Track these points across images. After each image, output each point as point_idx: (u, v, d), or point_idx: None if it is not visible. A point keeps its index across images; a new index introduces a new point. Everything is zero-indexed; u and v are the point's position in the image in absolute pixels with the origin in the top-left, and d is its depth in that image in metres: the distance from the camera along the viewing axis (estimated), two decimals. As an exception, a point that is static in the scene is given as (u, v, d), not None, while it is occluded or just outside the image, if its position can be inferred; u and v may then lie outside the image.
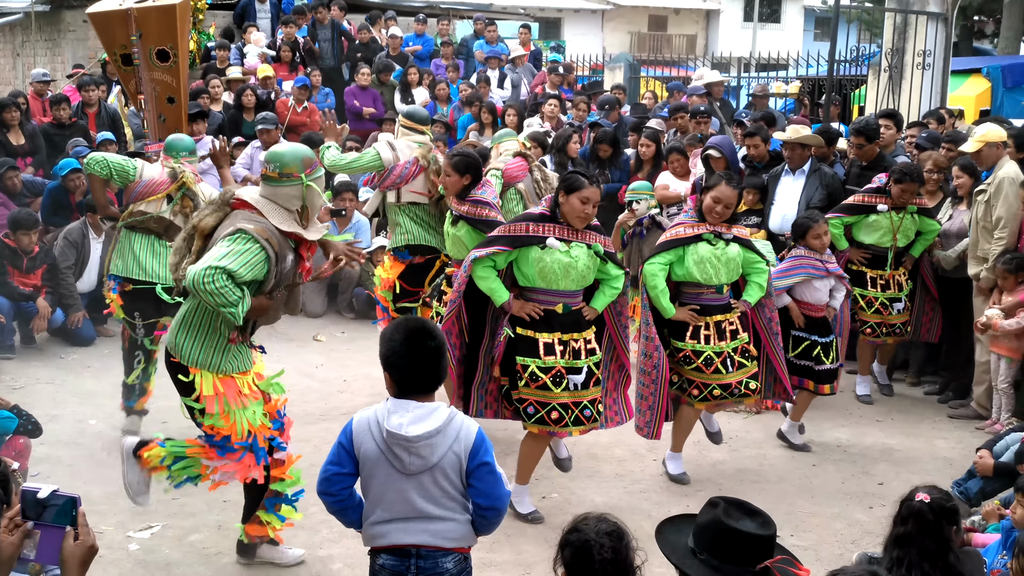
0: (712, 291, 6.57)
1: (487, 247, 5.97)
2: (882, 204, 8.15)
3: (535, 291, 5.98)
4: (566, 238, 5.90)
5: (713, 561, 3.18)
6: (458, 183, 6.90)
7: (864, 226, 8.28)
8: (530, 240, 5.90)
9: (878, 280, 8.32)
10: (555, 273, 5.88)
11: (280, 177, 5.08)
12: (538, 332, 5.93)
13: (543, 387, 5.87)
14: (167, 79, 9.82)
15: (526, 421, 5.99)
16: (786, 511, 6.41)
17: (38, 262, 9.67)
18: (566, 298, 5.98)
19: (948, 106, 12.76)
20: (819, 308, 7.39)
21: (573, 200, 5.84)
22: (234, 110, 13.37)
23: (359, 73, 14.52)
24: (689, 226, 6.57)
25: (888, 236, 8.24)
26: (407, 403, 3.68)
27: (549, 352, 5.90)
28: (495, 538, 5.75)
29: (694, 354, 6.52)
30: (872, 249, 8.31)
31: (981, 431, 7.86)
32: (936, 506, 3.98)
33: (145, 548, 5.84)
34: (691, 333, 6.54)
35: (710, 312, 6.56)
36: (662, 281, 6.50)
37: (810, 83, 16.26)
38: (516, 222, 6.07)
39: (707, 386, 6.54)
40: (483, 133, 12.74)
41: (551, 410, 5.89)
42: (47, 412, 7.58)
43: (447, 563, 3.75)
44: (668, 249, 6.54)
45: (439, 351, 3.72)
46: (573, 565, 3.33)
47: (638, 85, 16.87)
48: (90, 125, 12.58)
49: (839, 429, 8.04)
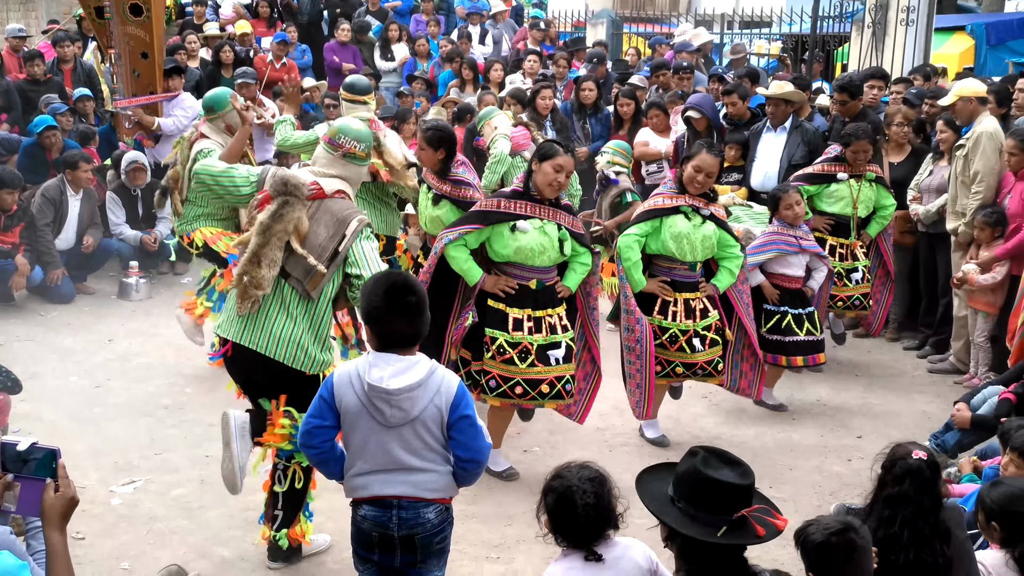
0: (685, 267, 6.49)
1: (458, 227, 5.93)
2: (842, 172, 7.96)
3: (510, 266, 5.95)
4: (538, 216, 5.87)
5: (690, 510, 3.20)
6: (433, 157, 6.73)
7: (825, 196, 8.04)
8: (502, 217, 5.86)
9: (837, 248, 8.04)
10: (531, 251, 5.86)
11: (366, 157, 5.02)
12: (509, 307, 5.91)
13: (508, 361, 5.86)
14: (140, 34, 9.73)
15: (487, 394, 5.94)
16: (765, 464, 6.46)
17: (16, 220, 9.59)
18: (540, 274, 5.95)
19: (932, 63, 12.74)
20: (795, 280, 7.35)
21: (546, 167, 5.80)
22: (212, 66, 13.24)
23: (338, 29, 14.41)
24: (668, 196, 6.47)
25: (849, 205, 7.99)
26: (388, 356, 3.68)
27: (517, 328, 5.88)
28: (477, 490, 5.80)
29: (660, 329, 6.44)
30: (836, 217, 8.08)
31: (959, 385, 7.93)
32: (931, 463, 3.99)
33: (128, 503, 5.85)
34: (659, 308, 6.47)
35: (680, 288, 6.49)
36: (636, 254, 6.42)
37: (793, 40, 16.21)
38: (489, 199, 6.03)
39: (670, 363, 6.49)
40: (464, 90, 12.68)
41: (514, 385, 5.87)
42: (27, 369, 7.57)
43: (428, 514, 3.77)
44: (645, 220, 6.44)
45: (419, 306, 3.71)
46: (556, 511, 3.37)
47: (620, 42, 16.76)
48: (66, 81, 12.47)
49: (819, 384, 8.09)
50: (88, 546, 5.32)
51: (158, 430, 6.90)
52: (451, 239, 5.88)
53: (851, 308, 8.18)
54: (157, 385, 7.76)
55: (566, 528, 3.38)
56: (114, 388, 7.70)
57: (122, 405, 7.34)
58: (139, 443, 6.68)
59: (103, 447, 6.55)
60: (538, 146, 6.06)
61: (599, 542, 3.38)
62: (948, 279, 8.31)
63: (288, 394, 4.83)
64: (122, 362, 8.29)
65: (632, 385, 6.56)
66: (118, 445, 6.61)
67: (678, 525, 3.20)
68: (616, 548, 3.41)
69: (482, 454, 3.77)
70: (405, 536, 3.75)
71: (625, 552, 3.41)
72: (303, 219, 4.70)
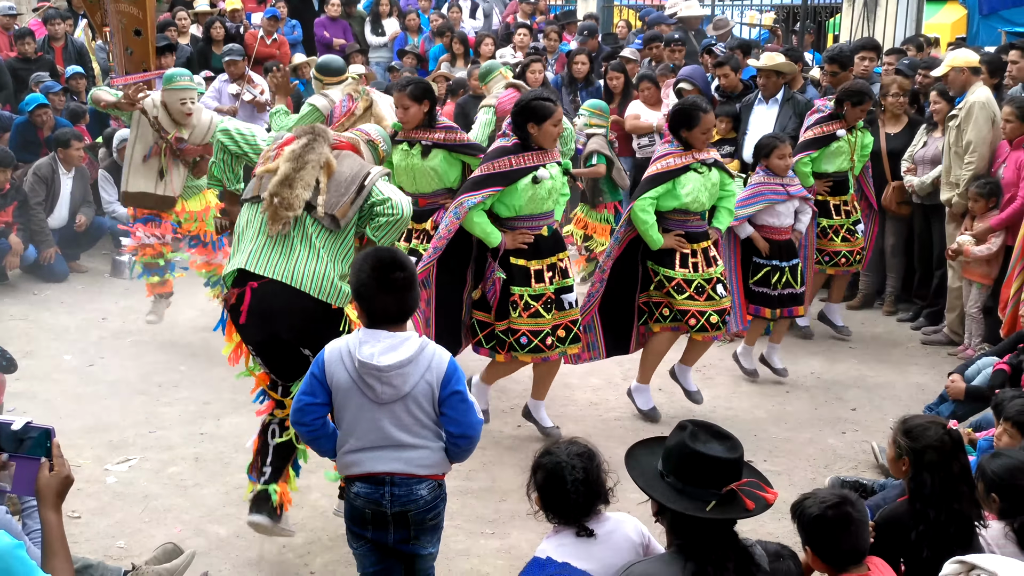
0: (697, 217, 6.56)
1: (478, 190, 5.93)
2: (840, 129, 7.91)
3: (520, 219, 6.02)
4: (544, 162, 5.98)
5: (679, 484, 3.20)
6: (419, 112, 6.70)
7: (826, 156, 8.00)
8: (520, 173, 5.92)
9: (842, 207, 8.09)
10: (543, 199, 6.00)
11: None
12: (529, 260, 6.02)
13: (535, 314, 5.98)
14: (133, 11, 9.64)
15: (518, 351, 6.03)
16: (759, 437, 6.49)
17: (8, 199, 9.56)
18: (547, 219, 6.11)
19: (924, 33, 12.70)
20: (783, 231, 7.36)
21: (547, 127, 5.90)
22: (202, 43, 13.16)
23: (328, 4, 14.32)
24: (677, 155, 6.46)
25: (847, 159, 8.02)
26: (378, 333, 3.67)
27: (539, 279, 6.02)
28: (471, 466, 5.82)
29: (686, 283, 6.45)
30: (833, 176, 8.08)
31: (953, 356, 7.95)
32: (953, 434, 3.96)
33: (123, 480, 5.86)
34: (680, 262, 6.47)
35: (694, 239, 6.53)
36: (652, 216, 6.42)
37: (784, 11, 16.14)
38: (497, 158, 5.99)
39: (703, 313, 6.47)
40: (455, 64, 12.62)
41: (544, 336, 6.00)
42: (21, 348, 7.56)
43: (421, 490, 3.76)
44: (658, 183, 6.43)
45: (408, 281, 3.69)
46: (546, 487, 3.39)
47: (611, 15, 16.66)
48: (57, 59, 12.39)
49: (812, 356, 8.11)
50: (84, 524, 5.33)
51: (152, 408, 6.91)
52: (474, 203, 5.91)
53: (858, 263, 8.26)
54: (151, 363, 7.75)
55: (556, 504, 3.40)
56: (108, 366, 7.69)
57: (116, 383, 7.34)
58: (134, 421, 6.68)
59: (97, 425, 6.56)
60: (525, 108, 5.93)
61: (590, 517, 3.39)
62: (943, 251, 8.31)
63: (311, 338, 4.65)
64: (116, 340, 8.29)
65: None
66: (113, 423, 6.62)
67: (667, 500, 3.20)
68: (608, 523, 3.42)
69: (473, 429, 3.76)
70: (398, 513, 3.75)
71: (617, 527, 3.43)
72: (331, 155, 4.75)
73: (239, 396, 7.02)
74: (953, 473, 3.75)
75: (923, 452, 3.78)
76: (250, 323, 4.72)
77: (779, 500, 3.33)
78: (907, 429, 3.87)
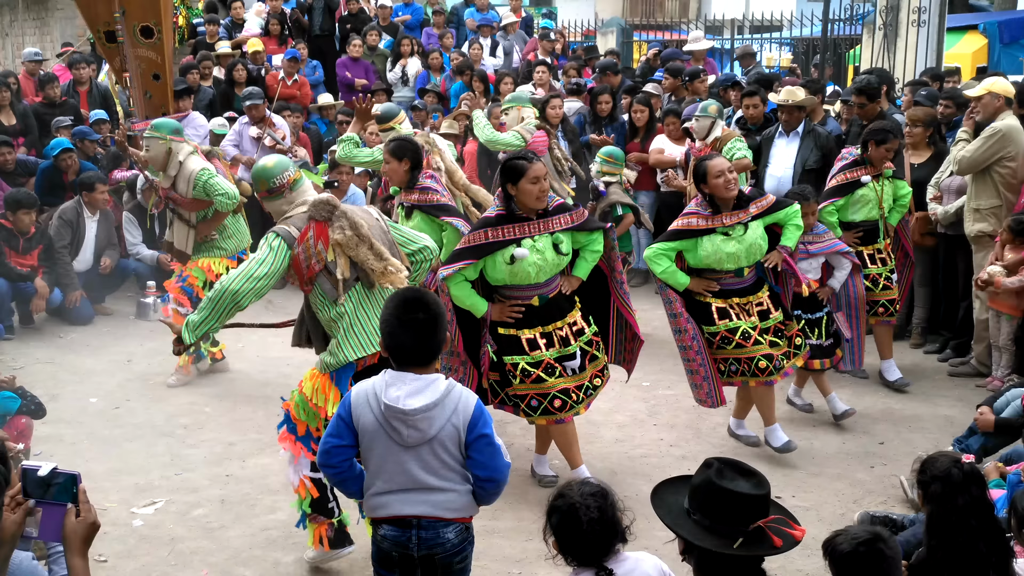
0: (731, 276, 6.42)
1: (453, 263, 5.85)
2: (865, 176, 7.74)
3: (508, 288, 5.91)
4: (528, 235, 5.80)
5: (705, 522, 3.18)
6: (399, 169, 6.76)
7: (851, 204, 7.82)
8: (494, 247, 5.79)
9: (876, 256, 7.87)
10: (527, 273, 5.81)
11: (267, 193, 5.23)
12: (519, 330, 5.88)
13: (537, 380, 5.85)
14: (152, 55, 9.79)
15: (532, 415, 5.94)
16: (787, 472, 6.42)
17: (34, 242, 9.64)
18: (540, 290, 5.90)
19: (945, 64, 12.69)
20: None
21: (524, 186, 5.70)
22: (225, 85, 13.29)
23: (350, 44, 14.43)
24: (702, 217, 6.35)
25: (875, 207, 7.78)
26: (405, 375, 3.66)
27: (534, 347, 5.87)
28: (497, 505, 5.72)
29: (730, 332, 6.36)
30: (862, 226, 7.87)
31: (982, 388, 7.86)
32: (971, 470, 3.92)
33: (149, 524, 5.86)
34: (719, 315, 6.38)
35: (727, 296, 6.41)
36: (667, 261, 6.36)
37: (804, 44, 16.18)
38: (477, 229, 5.93)
39: (752, 359, 6.36)
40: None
41: (552, 399, 5.87)
42: (47, 391, 7.59)
43: (448, 533, 3.74)
44: (675, 239, 6.38)
45: (432, 323, 3.67)
46: (561, 529, 3.37)
47: (631, 50, 16.77)
48: (82, 103, 12.53)
49: (839, 389, 8.01)
50: (110, 568, 5.32)
51: (178, 450, 6.92)
52: (446, 276, 5.83)
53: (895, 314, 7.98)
54: (176, 405, 7.78)
55: (574, 546, 3.38)
56: (133, 408, 7.72)
57: (142, 425, 7.37)
58: (159, 463, 6.69)
59: (123, 468, 6.57)
60: (503, 168, 5.87)
61: (608, 557, 3.37)
62: (968, 281, 8.23)
63: None
64: (141, 382, 8.32)
65: (698, 379, 6.49)
66: (138, 466, 6.63)
67: (694, 537, 3.19)
68: (627, 562, 3.39)
69: (500, 473, 3.74)
70: (425, 556, 3.73)
71: (636, 565, 3.40)
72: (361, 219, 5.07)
73: (264, 436, 7.04)
74: (957, 506, 3.71)
75: (929, 484, 3.79)
76: None
77: (808, 536, 3.30)
78: (923, 462, 3.88)
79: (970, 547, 3.69)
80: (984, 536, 3.71)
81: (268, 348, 9.12)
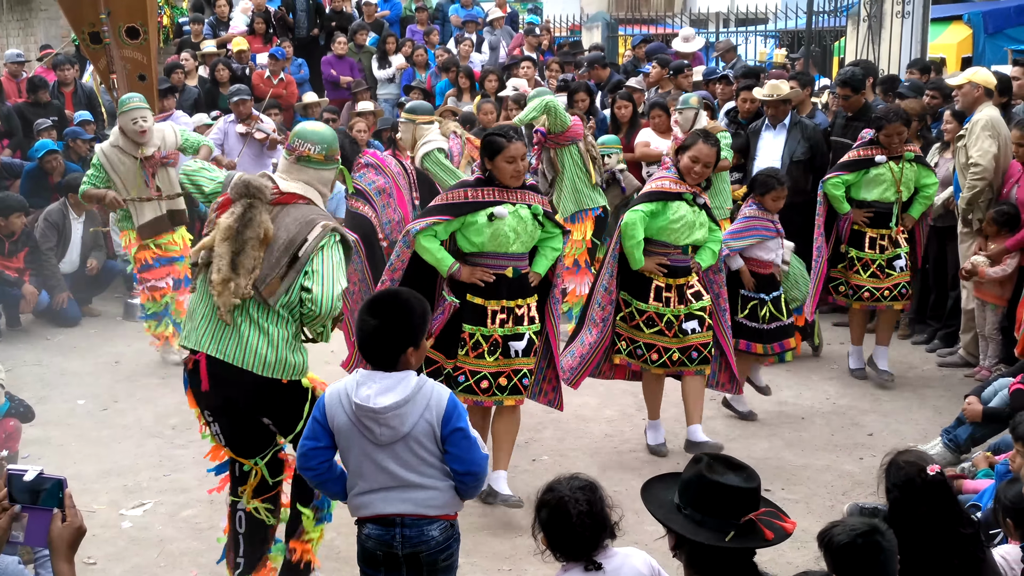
0: (678, 251, 6.46)
1: (426, 217, 5.73)
2: (880, 155, 7.59)
3: (483, 256, 5.76)
4: (508, 200, 5.71)
5: (697, 515, 3.18)
6: None
7: (865, 182, 7.67)
8: (472, 207, 5.68)
9: (878, 241, 7.71)
10: (507, 237, 5.69)
11: (325, 160, 4.70)
12: (487, 300, 5.74)
13: (480, 356, 5.73)
14: (137, 56, 9.77)
15: (453, 388, 5.49)
16: (776, 465, 6.43)
17: (20, 245, 9.60)
18: (515, 261, 5.79)
19: (929, 54, 12.71)
20: (768, 264, 7.22)
21: (500, 163, 5.60)
22: (210, 84, 13.26)
23: (335, 42, 14.40)
24: (672, 181, 6.43)
25: (892, 189, 7.63)
26: (375, 374, 3.64)
27: (494, 320, 5.74)
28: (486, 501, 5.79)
29: (657, 316, 6.42)
30: (876, 206, 7.69)
31: (970, 379, 7.88)
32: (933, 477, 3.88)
33: (138, 525, 5.84)
34: (654, 295, 6.43)
35: (674, 274, 6.45)
36: (641, 232, 6.35)
37: (789, 36, 16.19)
38: (455, 189, 5.87)
39: (667, 350, 6.43)
40: (461, 99, 12.68)
41: (480, 379, 5.74)
42: (35, 394, 7.58)
43: (432, 531, 3.72)
44: (652, 200, 6.40)
45: (384, 330, 3.62)
46: (550, 523, 3.39)
47: (616, 44, 16.76)
48: (67, 105, 12.48)
49: (827, 382, 8.06)
50: (100, 571, 5.31)
51: (167, 451, 6.90)
52: (419, 228, 5.69)
53: (897, 299, 7.80)
54: (165, 405, 7.75)
55: (563, 540, 3.39)
56: (122, 409, 7.70)
57: (130, 426, 7.34)
58: (148, 464, 6.67)
59: (112, 469, 6.55)
60: (483, 143, 5.77)
61: (597, 552, 3.38)
62: (957, 272, 8.24)
63: (268, 409, 4.63)
64: (129, 383, 8.29)
65: (578, 352, 6.49)
66: (127, 467, 6.61)
67: (685, 531, 3.19)
68: (615, 558, 3.41)
69: (478, 465, 3.70)
70: (410, 554, 3.72)
71: (625, 560, 3.41)
72: (268, 223, 4.47)
73: (253, 437, 7.02)
74: (912, 514, 3.67)
75: (890, 490, 3.75)
76: (204, 392, 4.61)
77: (798, 529, 3.30)
78: (888, 465, 3.82)
79: (922, 555, 3.66)
80: (944, 546, 3.66)
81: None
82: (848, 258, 7.81)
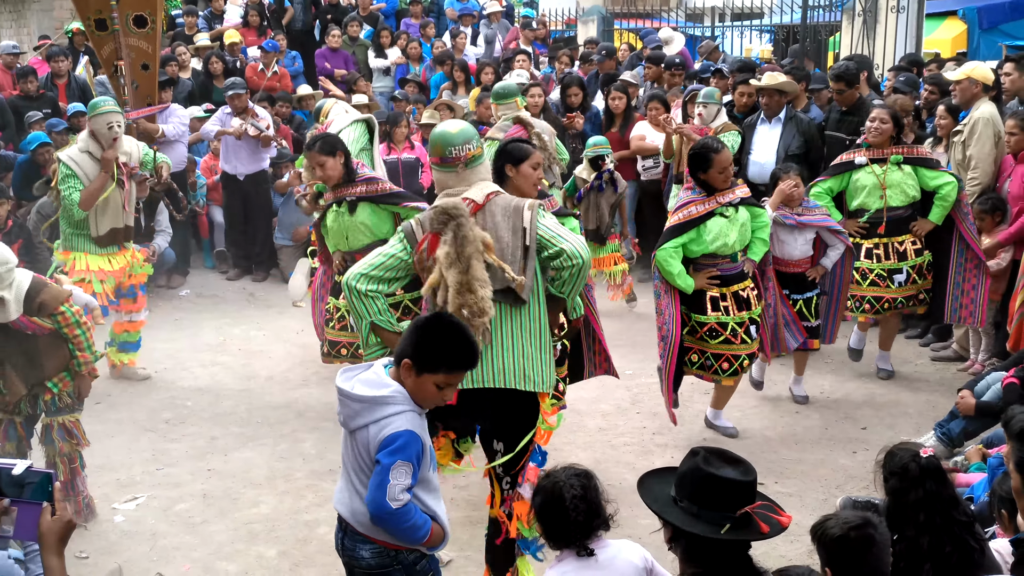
0: (727, 260, 6.44)
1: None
2: (860, 157, 7.41)
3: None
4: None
5: (693, 508, 3.18)
6: (336, 165, 6.59)
7: (851, 190, 7.51)
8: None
9: (873, 250, 7.48)
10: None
11: (482, 151, 4.71)
12: None
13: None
14: (143, 45, 9.70)
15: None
16: (770, 459, 6.43)
17: (13, 236, 9.56)
18: None
19: (924, 49, 12.72)
20: (793, 264, 7.12)
21: (526, 169, 5.19)
22: (203, 77, 13.22)
23: (329, 35, 14.36)
24: (699, 203, 6.36)
25: (875, 194, 7.40)
26: (384, 370, 3.51)
27: None
28: (481, 494, 5.76)
29: (720, 326, 6.40)
30: (868, 216, 7.46)
31: (963, 373, 7.89)
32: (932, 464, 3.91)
33: (131, 519, 5.83)
34: (711, 306, 6.40)
35: (728, 283, 6.43)
36: (677, 264, 6.33)
37: (784, 31, 16.18)
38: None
39: (737, 358, 6.44)
40: (456, 92, 12.64)
41: None
42: (27, 388, 7.53)
43: (364, 551, 3.51)
44: (682, 232, 6.35)
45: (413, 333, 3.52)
46: (545, 508, 3.44)
47: (612, 38, 16.72)
48: (60, 97, 12.42)
49: (822, 376, 8.05)
50: (92, 565, 5.29)
51: (160, 445, 6.88)
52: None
53: (894, 309, 7.62)
54: (158, 399, 7.74)
55: (557, 526, 3.42)
56: (115, 403, 7.67)
57: (123, 420, 7.32)
58: (141, 459, 6.66)
59: (105, 464, 6.52)
60: (504, 151, 5.35)
61: (590, 539, 3.39)
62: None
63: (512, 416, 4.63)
64: (121, 377, 8.26)
65: (661, 376, 6.56)
66: (120, 461, 6.59)
67: (682, 524, 3.19)
68: (609, 549, 3.43)
69: (375, 506, 3.34)
70: (347, 563, 3.60)
71: (619, 552, 3.43)
72: (481, 231, 4.36)
73: (246, 430, 7.03)
74: (911, 500, 3.71)
75: (887, 479, 3.78)
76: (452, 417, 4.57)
77: (792, 523, 3.29)
78: (886, 455, 3.88)
79: (919, 541, 3.68)
80: (940, 531, 3.69)
81: (250, 342, 9.10)
82: None
